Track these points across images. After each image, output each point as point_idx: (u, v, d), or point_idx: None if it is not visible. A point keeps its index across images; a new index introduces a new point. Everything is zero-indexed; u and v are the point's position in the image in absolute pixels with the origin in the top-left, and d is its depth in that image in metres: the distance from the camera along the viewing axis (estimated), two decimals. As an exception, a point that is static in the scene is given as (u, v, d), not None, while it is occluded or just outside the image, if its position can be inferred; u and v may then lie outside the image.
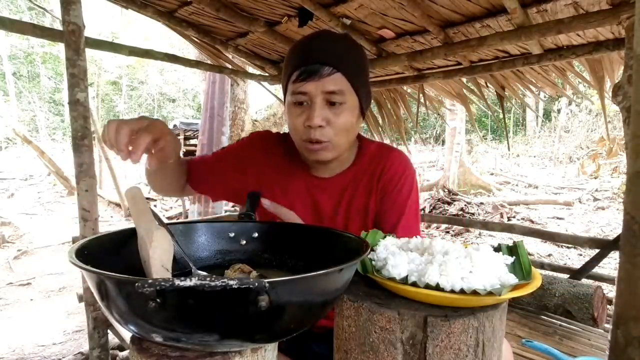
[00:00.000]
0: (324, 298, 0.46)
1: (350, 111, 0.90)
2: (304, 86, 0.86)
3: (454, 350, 0.50)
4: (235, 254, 0.72)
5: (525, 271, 0.58)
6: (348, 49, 0.90)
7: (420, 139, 12.38)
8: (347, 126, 0.90)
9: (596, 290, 1.84)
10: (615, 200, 7.55)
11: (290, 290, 0.41)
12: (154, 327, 0.39)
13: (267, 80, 2.73)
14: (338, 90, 0.86)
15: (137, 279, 0.35)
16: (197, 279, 0.34)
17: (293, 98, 0.89)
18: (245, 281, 0.34)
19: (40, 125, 17.53)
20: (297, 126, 0.90)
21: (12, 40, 16.51)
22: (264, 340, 0.45)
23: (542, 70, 2.10)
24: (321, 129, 0.87)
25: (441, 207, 6.86)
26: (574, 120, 14.99)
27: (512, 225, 2.94)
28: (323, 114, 0.87)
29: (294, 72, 0.88)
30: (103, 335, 1.53)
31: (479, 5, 1.57)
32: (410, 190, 0.99)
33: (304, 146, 0.92)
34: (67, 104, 1.39)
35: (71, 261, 0.44)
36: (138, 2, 1.96)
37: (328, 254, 0.64)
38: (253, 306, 0.36)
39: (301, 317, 0.45)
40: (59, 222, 6.56)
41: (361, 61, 0.94)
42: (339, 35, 0.94)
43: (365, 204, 0.98)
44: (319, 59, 0.85)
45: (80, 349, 2.57)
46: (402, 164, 1.00)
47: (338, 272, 0.44)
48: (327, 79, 0.85)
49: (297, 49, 0.91)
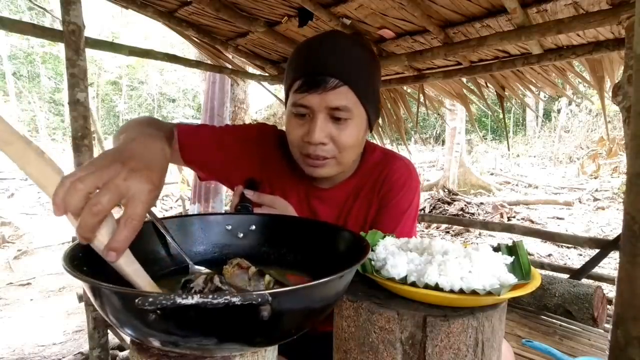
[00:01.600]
0: (325, 302, 0.46)
1: (356, 126, 0.81)
2: (306, 99, 0.77)
3: (453, 350, 0.50)
4: (233, 247, 0.70)
5: (524, 271, 0.58)
6: (358, 58, 0.80)
7: (420, 139, 12.37)
8: (352, 142, 0.82)
9: (596, 290, 1.84)
10: (615, 200, 7.55)
11: (292, 299, 0.40)
12: (151, 334, 0.39)
13: (267, 80, 2.73)
14: (343, 106, 0.77)
15: (136, 292, 0.35)
16: (199, 297, 0.33)
17: (293, 109, 0.81)
18: (248, 297, 0.34)
19: (40, 125, 17.51)
20: (295, 139, 0.82)
21: (12, 40, 16.50)
22: (264, 344, 0.45)
23: (542, 70, 2.10)
24: (322, 146, 0.80)
25: (441, 207, 6.86)
26: (574, 120, 14.99)
27: (512, 225, 2.94)
28: (326, 130, 0.78)
29: (295, 81, 0.79)
30: (103, 335, 1.53)
31: (479, 5, 1.56)
32: (409, 203, 0.91)
33: (302, 160, 0.84)
34: (67, 104, 1.39)
35: (65, 267, 0.42)
36: (138, 2, 1.96)
37: (327, 249, 0.63)
38: (254, 317, 0.35)
39: (301, 322, 0.45)
40: (59, 222, 6.54)
41: (372, 71, 0.84)
42: (348, 40, 0.82)
43: (365, 214, 0.93)
44: (324, 69, 0.76)
45: (80, 349, 2.57)
46: (405, 175, 0.93)
47: (339, 278, 0.44)
48: (332, 93, 0.76)
49: (301, 53, 0.82)
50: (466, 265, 0.54)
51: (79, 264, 0.46)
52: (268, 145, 0.99)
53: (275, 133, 1.02)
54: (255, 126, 1.03)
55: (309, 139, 0.79)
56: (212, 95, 4.59)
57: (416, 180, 0.94)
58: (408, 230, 0.91)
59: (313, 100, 0.77)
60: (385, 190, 0.91)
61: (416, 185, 0.94)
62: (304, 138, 0.80)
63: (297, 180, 0.94)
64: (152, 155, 0.52)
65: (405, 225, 0.90)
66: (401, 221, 0.90)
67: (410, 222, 0.92)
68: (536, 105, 11.90)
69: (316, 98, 0.76)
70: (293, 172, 0.94)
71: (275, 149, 0.98)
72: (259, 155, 0.97)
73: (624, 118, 1.38)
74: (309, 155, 0.81)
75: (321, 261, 0.63)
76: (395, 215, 0.90)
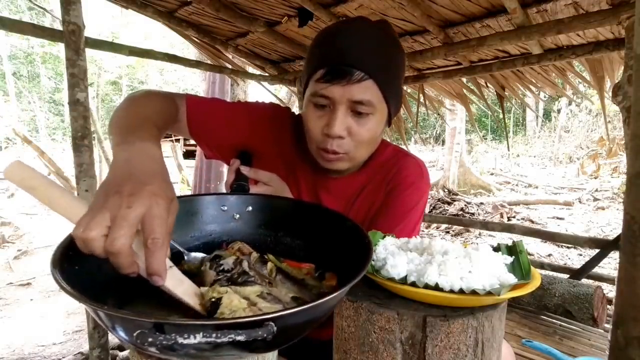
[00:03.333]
0: (327, 312, 0.46)
1: (376, 122, 0.78)
2: (328, 89, 0.74)
3: (453, 350, 0.50)
4: (229, 229, 0.66)
5: (524, 271, 0.58)
6: (385, 50, 0.76)
7: (420, 139, 12.38)
8: (371, 138, 0.79)
9: (596, 290, 1.84)
10: (615, 200, 7.55)
11: (296, 317, 0.39)
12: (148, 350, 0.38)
13: (267, 80, 2.73)
14: (366, 100, 0.74)
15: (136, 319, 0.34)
16: (202, 335, 0.32)
17: (313, 99, 0.78)
18: (253, 334, 0.33)
19: (40, 125, 17.52)
20: (313, 131, 0.79)
21: (12, 40, 16.51)
22: (263, 350, 0.45)
23: (542, 70, 2.10)
24: (340, 140, 0.77)
25: (441, 207, 6.87)
26: (574, 120, 15.00)
27: (512, 225, 2.94)
28: (345, 123, 0.76)
29: (318, 69, 0.75)
30: (103, 335, 1.53)
31: (479, 5, 1.57)
32: (415, 203, 0.88)
33: (319, 153, 0.82)
34: (67, 104, 1.39)
35: (54, 277, 0.40)
36: (138, 2, 1.96)
37: (325, 236, 0.62)
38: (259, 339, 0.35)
39: (303, 331, 0.44)
40: (59, 222, 6.55)
41: (398, 65, 0.80)
42: (376, 30, 0.77)
43: (368, 209, 0.91)
44: (350, 61, 0.72)
45: (80, 349, 2.57)
46: (415, 174, 0.89)
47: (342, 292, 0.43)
48: (356, 86, 0.73)
49: (325, 40, 0.77)
50: (466, 265, 0.54)
51: (69, 265, 0.44)
52: (282, 127, 0.94)
53: (289, 115, 0.98)
54: (269, 105, 0.98)
55: (327, 131, 0.76)
56: (212, 95, 4.59)
57: (426, 182, 0.91)
58: (409, 231, 0.89)
59: (335, 91, 0.73)
60: (392, 187, 0.89)
61: (425, 187, 0.91)
62: (324, 130, 0.77)
63: (307, 167, 0.91)
64: (145, 168, 0.49)
65: (408, 225, 0.87)
66: (404, 220, 0.87)
67: (413, 223, 0.89)
68: (536, 105, 11.91)
69: (339, 90, 0.73)
70: (304, 158, 0.91)
71: (289, 133, 0.94)
72: (272, 137, 0.93)
73: (624, 118, 1.38)
74: (326, 149, 0.78)
75: (319, 247, 0.61)
76: (400, 213, 0.87)
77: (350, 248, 0.57)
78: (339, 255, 0.58)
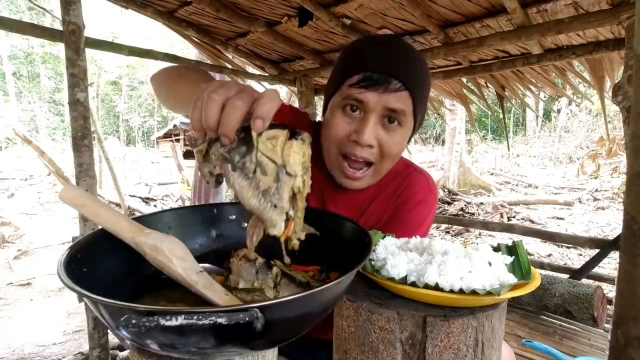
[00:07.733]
0: (324, 307, 0.46)
1: (403, 135, 0.78)
2: (364, 94, 0.73)
3: (453, 350, 0.50)
4: (237, 237, 0.67)
5: (524, 271, 0.58)
6: (420, 66, 0.78)
7: (420, 139, 12.37)
8: (397, 151, 0.80)
9: (596, 290, 1.84)
10: (615, 200, 7.56)
11: (286, 308, 0.40)
12: (145, 344, 0.38)
13: (267, 80, 2.73)
14: (401, 109, 0.74)
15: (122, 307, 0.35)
16: (183, 317, 0.32)
17: (344, 102, 0.77)
18: (234, 317, 0.33)
19: (40, 125, 17.52)
20: (339, 135, 0.77)
21: (12, 40, 16.51)
22: (262, 347, 0.45)
23: (542, 70, 2.10)
24: (369, 149, 0.76)
25: (441, 207, 6.87)
26: (574, 120, 15.01)
27: (512, 225, 2.94)
28: (375, 132, 0.75)
29: (354, 75, 0.75)
30: (103, 335, 1.53)
31: (479, 5, 1.57)
32: (424, 218, 0.89)
33: (340, 164, 0.80)
34: (67, 104, 1.39)
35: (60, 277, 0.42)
36: (138, 2, 1.96)
37: (331, 241, 0.62)
38: (247, 328, 0.35)
39: (300, 326, 0.44)
40: (59, 222, 6.55)
41: (429, 85, 0.82)
42: (410, 46, 0.80)
43: (376, 221, 0.90)
44: (389, 70, 0.73)
45: (80, 349, 2.57)
46: (424, 189, 0.90)
47: (337, 284, 0.43)
48: (393, 95, 0.73)
49: (364, 49, 0.78)
50: (466, 265, 0.54)
51: (78, 266, 0.46)
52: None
53: (307, 122, 0.97)
54: (288, 109, 0.97)
55: (357, 138, 0.75)
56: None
57: (434, 198, 0.92)
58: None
59: (371, 97, 0.73)
60: (401, 201, 0.89)
61: (433, 202, 0.91)
62: (350, 137, 0.76)
63: (318, 176, 0.88)
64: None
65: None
66: (412, 235, 0.88)
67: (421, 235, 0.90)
68: (536, 105, 11.89)
69: (375, 96, 0.73)
70: (314, 166, 0.91)
71: None
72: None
73: (624, 118, 1.38)
74: (348, 156, 0.77)
75: (325, 250, 0.62)
76: (408, 228, 0.87)
77: (352, 247, 0.57)
78: (343, 255, 0.59)
